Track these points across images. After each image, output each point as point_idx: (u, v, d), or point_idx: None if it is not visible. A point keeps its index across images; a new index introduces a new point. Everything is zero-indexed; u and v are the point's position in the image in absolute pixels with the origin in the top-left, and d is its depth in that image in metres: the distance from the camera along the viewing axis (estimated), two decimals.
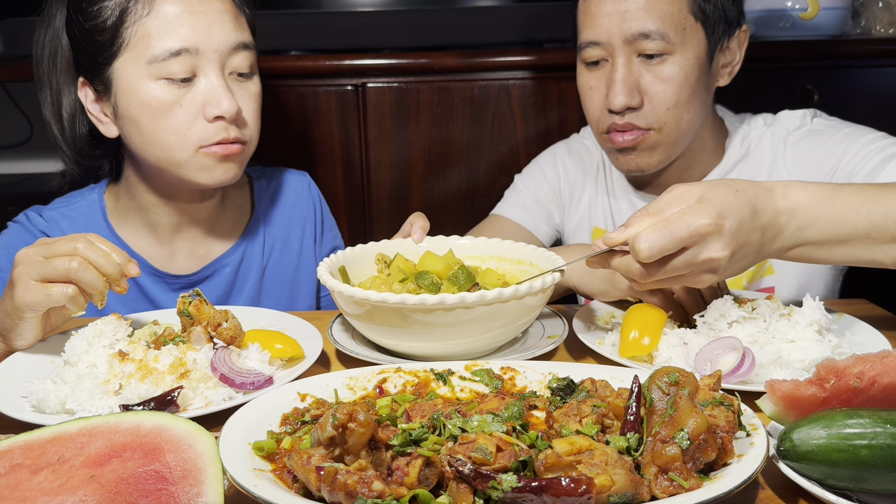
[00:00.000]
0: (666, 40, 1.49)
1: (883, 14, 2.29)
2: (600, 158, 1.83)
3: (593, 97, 1.59)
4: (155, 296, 1.55)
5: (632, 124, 1.54)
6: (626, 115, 1.53)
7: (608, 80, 1.54)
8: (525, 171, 1.91)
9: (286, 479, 0.80)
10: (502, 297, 1.08)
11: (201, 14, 1.37)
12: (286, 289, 1.67)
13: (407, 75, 2.13)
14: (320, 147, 2.14)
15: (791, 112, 1.68)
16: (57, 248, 1.11)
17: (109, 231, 1.55)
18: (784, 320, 1.15)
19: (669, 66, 1.51)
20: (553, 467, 0.74)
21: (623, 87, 1.50)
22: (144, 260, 1.54)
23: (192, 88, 1.38)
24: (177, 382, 1.04)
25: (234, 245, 1.61)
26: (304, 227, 1.70)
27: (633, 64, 1.52)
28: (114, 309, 1.47)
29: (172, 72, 1.36)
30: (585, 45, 1.56)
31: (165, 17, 1.35)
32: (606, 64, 1.55)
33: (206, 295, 1.54)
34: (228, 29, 1.40)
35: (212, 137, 1.39)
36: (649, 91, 1.52)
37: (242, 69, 1.43)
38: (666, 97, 1.52)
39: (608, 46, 1.52)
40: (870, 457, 0.78)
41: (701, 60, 1.53)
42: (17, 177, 2.65)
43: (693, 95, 1.54)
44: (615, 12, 1.50)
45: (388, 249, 1.35)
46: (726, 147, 1.69)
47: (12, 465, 0.81)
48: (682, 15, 1.50)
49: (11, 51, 2.12)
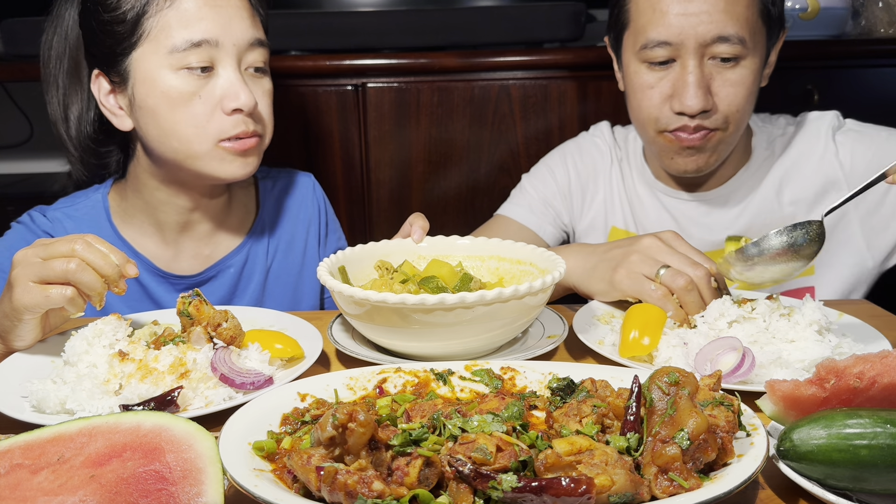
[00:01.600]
0: (743, 45, 1.46)
1: (883, 14, 2.29)
2: (611, 157, 1.81)
3: (653, 96, 1.54)
4: (159, 296, 1.55)
5: (702, 126, 1.51)
6: (697, 118, 1.50)
7: (677, 81, 1.50)
8: (533, 170, 1.88)
9: (286, 479, 0.80)
10: (502, 297, 1.08)
11: (221, 8, 1.39)
12: (290, 290, 1.67)
13: (407, 75, 2.13)
14: (320, 147, 2.14)
15: (821, 113, 1.68)
16: (55, 250, 1.11)
17: (113, 231, 1.55)
18: (784, 320, 1.15)
19: (741, 70, 1.49)
20: (553, 467, 0.74)
21: (699, 90, 1.47)
22: (148, 260, 1.54)
23: (211, 81, 1.40)
24: (177, 382, 1.04)
25: (239, 246, 1.61)
26: (308, 228, 1.70)
27: (705, 66, 1.49)
28: (117, 309, 1.47)
29: (192, 62, 1.37)
30: (653, 44, 1.50)
31: (186, 10, 1.37)
32: (674, 64, 1.51)
33: (210, 296, 1.56)
34: (246, 25, 1.42)
35: (230, 130, 1.41)
36: (720, 94, 1.49)
37: (258, 64, 1.45)
38: (737, 100, 1.50)
39: (680, 47, 1.48)
40: (870, 457, 0.78)
41: (763, 63, 1.54)
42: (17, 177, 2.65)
43: (754, 98, 1.54)
44: (692, 13, 1.45)
45: (388, 250, 1.35)
46: (753, 147, 1.68)
47: (12, 465, 0.81)
48: (755, 18, 1.48)
49: (11, 51, 2.12)
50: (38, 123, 2.61)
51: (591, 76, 2.12)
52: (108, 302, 1.48)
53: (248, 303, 1.61)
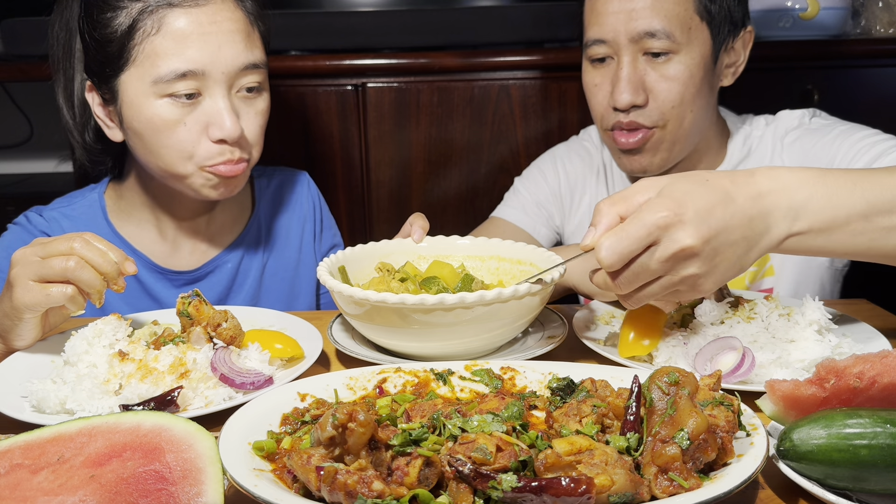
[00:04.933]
0: (672, 39, 1.49)
1: (883, 14, 2.29)
2: (601, 159, 1.83)
3: (598, 94, 1.59)
4: (157, 292, 1.56)
5: (636, 122, 1.54)
6: (631, 113, 1.53)
7: (613, 77, 1.54)
8: (525, 173, 1.90)
9: (286, 479, 0.80)
10: (502, 298, 1.08)
11: (210, 35, 1.35)
12: (286, 285, 1.68)
13: (407, 75, 2.13)
14: (320, 147, 2.14)
15: (790, 112, 1.68)
16: (53, 248, 1.11)
17: (110, 230, 1.55)
18: (784, 320, 1.15)
19: (674, 65, 1.51)
20: (553, 467, 0.74)
21: (628, 84, 1.51)
22: (146, 257, 1.55)
23: (198, 108, 1.38)
24: (177, 382, 1.04)
25: (235, 241, 1.63)
26: (303, 224, 1.71)
27: (638, 62, 1.52)
28: (115, 306, 1.49)
29: (177, 90, 1.35)
30: (591, 42, 1.56)
31: (174, 37, 1.34)
32: (612, 62, 1.55)
33: (208, 291, 1.57)
34: (238, 50, 1.38)
35: (215, 158, 1.40)
36: (654, 89, 1.52)
37: (251, 85, 1.42)
38: (671, 95, 1.52)
39: (614, 44, 1.53)
40: (870, 457, 0.78)
41: (706, 60, 1.54)
42: (17, 177, 2.65)
43: (697, 94, 1.54)
44: (621, 10, 1.50)
45: (388, 250, 1.35)
46: (728, 147, 1.69)
47: (12, 465, 0.81)
48: (688, 14, 1.51)
49: (11, 51, 2.12)
50: (38, 123, 2.61)
51: None
52: (108, 300, 1.48)
53: (246, 298, 1.62)
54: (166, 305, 1.55)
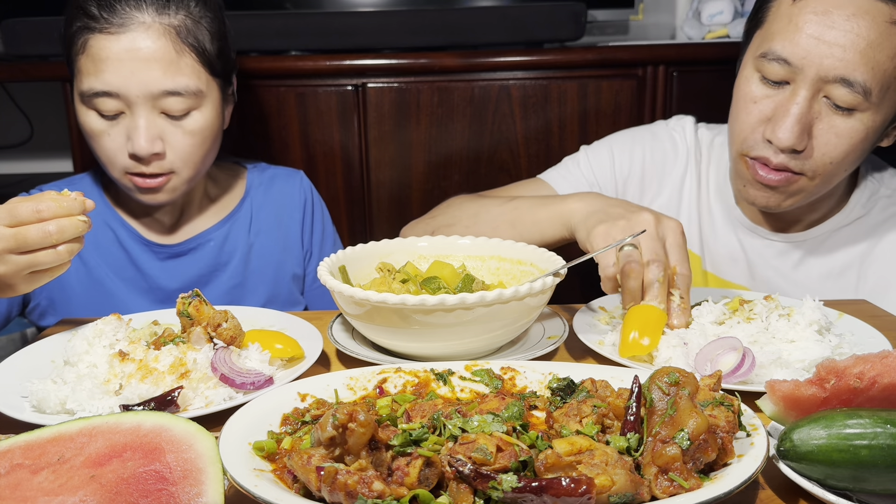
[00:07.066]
0: (866, 96, 1.29)
1: None
2: (687, 159, 1.64)
3: (751, 111, 1.38)
4: (142, 263, 1.64)
5: (785, 166, 1.36)
6: (783, 155, 1.35)
7: (780, 108, 1.34)
8: (595, 145, 1.71)
9: (286, 480, 0.80)
10: (502, 298, 1.08)
11: (125, 62, 1.42)
12: (271, 269, 1.74)
13: (407, 75, 2.13)
14: (320, 147, 2.14)
15: None
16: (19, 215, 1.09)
17: (104, 205, 1.64)
18: (784, 320, 1.15)
19: (854, 122, 1.32)
20: (553, 467, 0.74)
21: (797, 125, 1.31)
22: (133, 228, 1.63)
23: (121, 123, 1.47)
24: (177, 382, 1.04)
25: (220, 222, 1.70)
26: (291, 213, 1.78)
27: (816, 103, 1.32)
28: (102, 272, 1.60)
29: (101, 108, 1.44)
30: (773, 56, 1.33)
31: (93, 59, 1.43)
32: (786, 88, 1.34)
33: (192, 267, 1.66)
34: (153, 77, 1.43)
35: (133, 169, 1.49)
36: (820, 140, 1.33)
37: (174, 112, 1.47)
38: (835, 152, 1.34)
39: (798, 72, 1.31)
40: (870, 457, 0.78)
41: (885, 123, 1.36)
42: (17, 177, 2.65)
43: (859, 156, 1.38)
44: (825, 41, 1.27)
45: (388, 250, 1.35)
46: (850, 200, 1.53)
47: (12, 465, 0.81)
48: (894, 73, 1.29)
49: (11, 51, 2.12)
50: (38, 123, 2.60)
51: (591, 76, 2.12)
52: (95, 266, 1.61)
53: (231, 277, 1.69)
54: (151, 277, 1.63)
